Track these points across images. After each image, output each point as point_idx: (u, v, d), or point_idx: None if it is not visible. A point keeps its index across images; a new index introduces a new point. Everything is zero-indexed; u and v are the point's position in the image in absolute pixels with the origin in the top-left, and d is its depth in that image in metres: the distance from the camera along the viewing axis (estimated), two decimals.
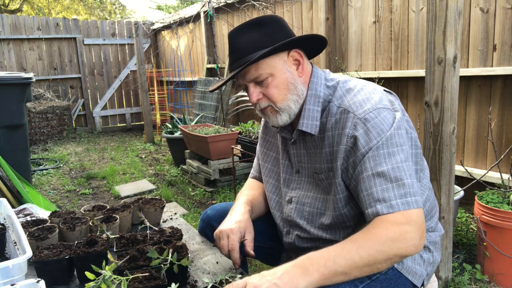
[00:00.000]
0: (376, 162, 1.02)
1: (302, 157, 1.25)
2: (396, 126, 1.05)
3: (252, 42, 1.12)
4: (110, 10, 18.81)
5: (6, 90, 3.09)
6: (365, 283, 1.02)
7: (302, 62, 1.18)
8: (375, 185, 1.01)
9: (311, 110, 1.17)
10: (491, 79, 2.78)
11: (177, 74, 7.47)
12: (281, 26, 1.16)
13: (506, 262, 2.06)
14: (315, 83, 1.19)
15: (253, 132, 3.88)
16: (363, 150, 1.04)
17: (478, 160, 2.95)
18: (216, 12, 5.65)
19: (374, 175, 1.02)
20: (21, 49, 7.26)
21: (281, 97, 1.15)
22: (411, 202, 0.99)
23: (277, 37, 1.13)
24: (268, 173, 1.41)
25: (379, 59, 3.61)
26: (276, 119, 1.18)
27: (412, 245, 0.96)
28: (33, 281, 0.95)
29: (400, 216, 0.98)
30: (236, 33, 1.16)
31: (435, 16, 1.79)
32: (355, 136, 1.05)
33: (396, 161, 1.02)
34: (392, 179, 1.00)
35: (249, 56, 1.12)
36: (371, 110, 1.06)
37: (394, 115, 1.08)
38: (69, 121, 7.21)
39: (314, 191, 1.23)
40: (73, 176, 4.81)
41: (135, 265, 1.13)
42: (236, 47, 1.15)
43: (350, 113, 1.08)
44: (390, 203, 0.99)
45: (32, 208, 1.92)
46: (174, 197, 3.89)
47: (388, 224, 0.97)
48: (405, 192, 1.00)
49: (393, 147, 1.03)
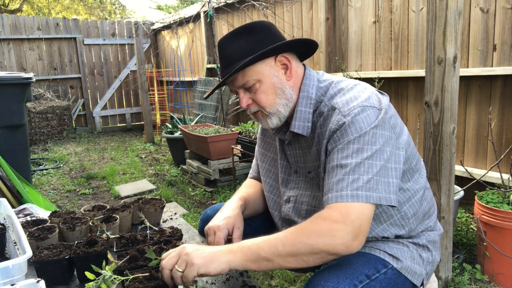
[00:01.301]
0: (343, 154, 1.03)
1: (298, 157, 1.27)
2: (376, 125, 1.04)
3: (240, 50, 1.15)
4: (110, 10, 18.81)
5: (6, 90, 3.09)
6: (365, 283, 1.02)
7: (290, 66, 1.19)
8: (336, 175, 1.02)
9: (303, 111, 1.19)
10: (491, 79, 2.78)
11: (177, 74, 7.47)
12: (270, 32, 1.18)
13: (506, 262, 2.06)
14: (307, 85, 1.20)
15: (253, 132, 3.88)
16: (337, 143, 1.06)
17: (478, 160, 2.95)
18: (216, 12, 5.65)
19: (337, 166, 1.03)
20: (21, 49, 7.26)
21: (270, 102, 1.17)
22: (361, 196, 0.97)
23: (266, 43, 1.14)
24: (266, 173, 1.42)
25: (379, 59, 3.61)
26: (266, 122, 1.21)
27: (341, 244, 0.94)
28: (33, 281, 0.95)
29: (337, 213, 0.97)
30: (225, 41, 1.18)
31: (435, 16, 1.79)
32: (335, 130, 1.07)
33: (362, 158, 1.01)
34: (351, 172, 1.00)
35: (237, 63, 1.14)
36: (356, 107, 1.06)
37: (378, 114, 1.06)
38: (69, 121, 7.21)
39: (311, 189, 1.24)
40: (73, 176, 4.81)
41: (135, 265, 1.13)
42: (224, 55, 1.18)
43: (336, 110, 1.09)
44: (341, 193, 0.99)
45: (32, 208, 1.92)
46: (174, 197, 3.89)
47: (322, 219, 0.98)
48: (358, 186, 0.98)
49: (364, 144, 1.02)
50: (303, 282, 2.19)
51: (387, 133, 1.05)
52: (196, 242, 1.46)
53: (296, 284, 2.19)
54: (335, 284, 0.98)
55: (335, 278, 0.99)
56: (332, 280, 0.99)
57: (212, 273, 0.98)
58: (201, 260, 0.98)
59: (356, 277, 1.01)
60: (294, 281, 2.22)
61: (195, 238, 1.50)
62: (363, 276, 1.02)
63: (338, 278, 0.99)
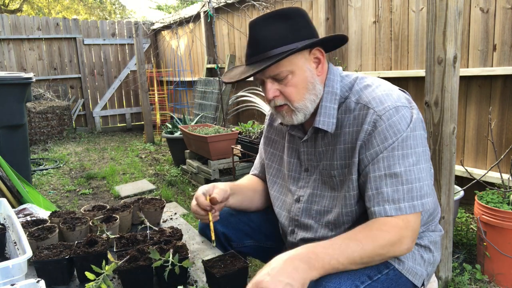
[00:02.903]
0: (390, 162, 1.04)
1: (312, 155, 1.23)
2: (412, 127, 1.06)
3: (274, 35, 1.08)
4: (110, 10, 18.81)
5: (6, 90, 3.09)
6: (366, 283, 1.01)
7: (322, 61, 1.15)
8: (386, 185, 1.03)
9: (328, 107, 1.15)
10: (491, 79, 2.78)
11: (177, 74, 7.47)
12: (306, 20, 1.12)
13: (506, 262, 2.06)
14: (331, 80, 1.17)
15: (253, 132, 3.88)
16: (377, 149, 1.05)
17: (478, 160, 2.95)
18: (216, 12, 5.65)
19: (386, 176, 1.04)
20: (21, 49, 7.26)
21: (299, 96, 1.12)
22: (417, 205, 1.03)
23: (301, 32, 1.09)
24: (276, 173, 1.39)
25: (379, 59, 3.61)
26: (291, 118, 1.16)
27: (406, 249, 1.02)
28: (33, 281, 0.95)
29: (401, 221, 1.01)
30: (258, 23, 1.10)
31: (435, 16, 1.79)
32: (373, 132, 1.05)
33: (409, 164, 1.04)
34: (404, 182, 1.03)
35: (271, 51, 1.07)
36: (390, 107, 1.06)
37: (412, 114, 1.08)
38: (69, 121, 7.21)
39: (322, 189, 1.22)
40: (73, 176, 4.81)
41: (135, 265, 1.13)
42: (256, 39, 1.10)
43: (370, 109, 1.07)
44: (399, 206, 1.02)
45: (32, 208, 1.92)
46: (174, 197, 3.89)
47: (390, 227, 1.01)
48: (413, 196, 1.02)
49: (407, 149, 1.04)
50: None
51: (422, 132, 1.09)
52: (196, 242, 1.46)
53: None
54: (337, 284, 0.97)
55: (337, 278, 0.99)
56: (334, 281, 0.98)
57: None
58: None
59: (358, 278, 1.01)
60: None
61: (195, 238, 1.50)
62: (365, 276, 1.02)
63: (340, 279, 0.99)
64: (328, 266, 0.96)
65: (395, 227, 1.01)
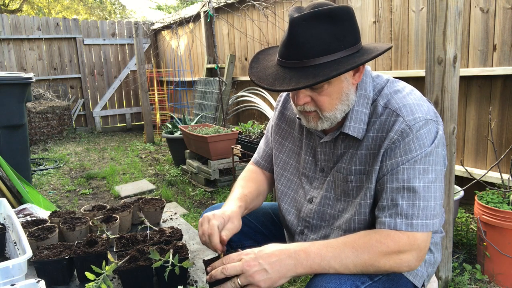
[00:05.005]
0: (410, 175, 1.00)
1: (330, 156, 1.18)
2: (437, 143, 1.03)
3: (318, 42, 0.97)
4: (110, 10, 18.82)
5: (6, 90, 3.09)
6: (367, 284, 1.01)
7: (361, 70, 1.07)
8: (403, 199, 1.00)
9: (360, 112, 1.08)
10: (491, 79, 2.78)
11: (177, 74, 7.47)
12: (352, 24, 1.02)
13: (506, 262, 2.06)
14: (364, 81, 1.10)
15: (253, 132, 3.88)
16: (399, 159, 1.01)
17: (478, 160, 2.95)
18: (216, 12, 5.65)
19: (404, 188, 1.00)
20: (21, 49, 7.26)
21: (331, 106, 1.06)
22: (429, 225, 1.00)
23: (347, 38, 1.00)
24: (283, 166, 1.33)
25: (379, 59, 3.61)
26: (316, 124, 1.10)
27: (406, 267, 1.00)
28: (33, 281, 0.95)
29: (406, 237, 0.99)
30: (300, 22, 0.98)
31: (435, 16, 1.79)
32: (398, 142, 1.01)
33: (428, 180, 1.01)
34: (421, 198, 1.00)
35: (313, 59, 0.98)
36: (421, 119, 1.02)
37: (437, 130, 1.04)
38: (69, 121, 7.21)
39: (335, 192, 1.17)
40: (73, 176, 4.81)
41: (135, 265, 1.13)
42: (297, 41, 0.99)
43: (400, 117, 1.02)
44: (411, 222, 0.99)
45: (32, 208, 1.92)
46: (174, 197, 3.89)
47: (391, 241, 0.98)
48: (427, 214, 1.00)
49: (429, 164, 1.01)
50: (304, 282, 2.19)
51: (443, 151, 1.07)
52: (196, 242, 1.46)
53: (296, 284, 2.19)
54: (337, 285, 0.96)
55: (337, 279, 0.98)
56: (334, 281, 0.97)
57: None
58: (267, 284, 0.94)
59: (358, 278, 1.00)
60: (294, 281, 2.22)
61: (195, 238, 1.50)
62: (366, 277, 1.01)
63: (340, 279, 0.98)
64: (317, 267, 0.96)
65: (398, 242, 0.98)
